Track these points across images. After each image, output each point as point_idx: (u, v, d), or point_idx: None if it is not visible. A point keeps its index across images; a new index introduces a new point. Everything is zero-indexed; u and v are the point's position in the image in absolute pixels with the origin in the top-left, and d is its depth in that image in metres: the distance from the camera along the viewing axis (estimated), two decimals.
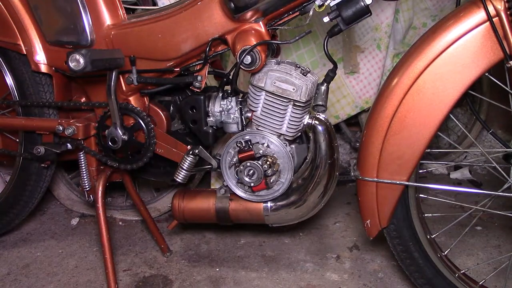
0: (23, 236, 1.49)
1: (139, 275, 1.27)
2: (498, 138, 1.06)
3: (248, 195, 1.07)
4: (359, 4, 0.90)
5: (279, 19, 0.99)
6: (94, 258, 1.35)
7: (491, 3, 0.82)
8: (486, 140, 1.85)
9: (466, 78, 0.86)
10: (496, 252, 1.31)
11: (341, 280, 1.23)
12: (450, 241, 1.17)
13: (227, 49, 1.02)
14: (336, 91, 1.61)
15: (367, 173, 0.96)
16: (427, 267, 1.01)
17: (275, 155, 1.03)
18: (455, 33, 0.85)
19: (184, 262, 1.32)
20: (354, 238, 1.41)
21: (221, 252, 1.36)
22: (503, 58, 0.84)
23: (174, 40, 1.01)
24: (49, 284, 1.25)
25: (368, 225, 1.00)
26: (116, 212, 1.59)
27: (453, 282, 1.02)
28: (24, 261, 1.35)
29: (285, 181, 1.05)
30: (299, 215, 1.09)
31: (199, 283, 1.23)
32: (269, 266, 1.29)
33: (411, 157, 0.92)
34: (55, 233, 1.50)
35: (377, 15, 1.55)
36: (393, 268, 1.25)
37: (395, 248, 1.02)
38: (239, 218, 1.12)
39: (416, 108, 0.89)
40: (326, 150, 1.04)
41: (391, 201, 0.96)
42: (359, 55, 1.60)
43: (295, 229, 1.44)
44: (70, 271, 1.30)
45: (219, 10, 0.97)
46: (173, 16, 1.01)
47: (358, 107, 1.64)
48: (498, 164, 0.99)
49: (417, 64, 0.88)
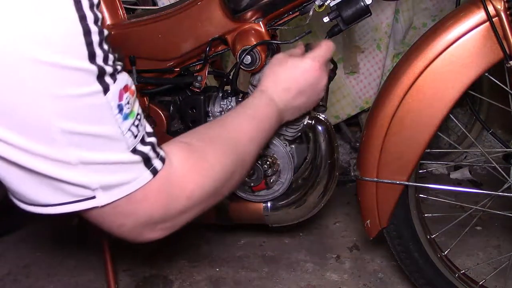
0: (23, 236, 1.49)
1: (139, 275, 1.27)
2: (498, 138, 1.06)
3: (248, 195, 1.07)
4: (359, 4, 0.90)
5: (279, 19, 0.99)
6: (94, 258, 1.35)
7: (491, 3, 0.82)
8: (486, 140, 1.85)
9: (466, 78, 0.86)
10: (496, 252, 1.31)
11: (341, 280, 1.23)
12: (450, 241, 1.17)
13: (227, 49, 1.02)
14: (336, 91, 1.61)
15: (367, 173, 0.96)
16: (427, 267, 1.01)
17: (275, 155, 1.03)
18: (455, 33, 0.85)
19: (184, 262, 1.32)
20: (354, 238, 1.41)
21: (221, 252, 1.36)
22: (503, 58, 0.84)
23: (174, 40, 1.01)
24: (49, 284, 1.25)
25: (368, 225, 1.00)
26: None
27: (453, 282, 1.02)
28: (24, 261, 1.35)
29: (285, 181, 1.05)
30: (299, 215, 1.09)
31: (199, 283, 1.23)
32: (269, 266, 1.29)
33: (411, 157, 0.92)
34: (55, 233, 1.50)
35: (377, 15, 1.55)
36: (393, 268, 1.25)
37: (395, 248, 1.02)
38: (239, 218, 1.12)
39: (416, 108, 0.89)
40: (326, 150, 1.04)
41: (391, 201, 0.96)
42: (359, 55, 1.60)
43: (295, 229, 1.44)
44: (70, 271, 1.30)
45: (219, 10, 0.97)
46: (173, 16, 1.00)
47: (358, 107, 1.64)
48: (498, 164, 0.99)
49: (417, 64, 0.88)
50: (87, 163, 0.50)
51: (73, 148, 0.49)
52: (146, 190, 0.55)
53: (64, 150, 0.49)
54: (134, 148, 0.54)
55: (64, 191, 0.51)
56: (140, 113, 0.56)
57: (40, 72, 0.45)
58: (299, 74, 0.84)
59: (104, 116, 0.50)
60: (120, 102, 0.51)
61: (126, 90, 0.53)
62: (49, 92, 0.46)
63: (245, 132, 0.74)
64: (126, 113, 0.53)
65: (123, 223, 0.57)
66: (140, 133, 0.55)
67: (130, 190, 0.54)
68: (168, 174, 0.58)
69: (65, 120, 0.47)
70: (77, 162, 0.50)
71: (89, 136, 0.50)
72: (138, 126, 0.55)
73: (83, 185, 0.51)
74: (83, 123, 0.49)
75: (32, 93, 0.45)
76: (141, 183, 0.55)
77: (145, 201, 0.56)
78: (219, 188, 0.65)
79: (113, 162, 0.52)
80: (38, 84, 0.45)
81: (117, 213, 0.56)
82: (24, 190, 0.52)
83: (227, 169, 0.66)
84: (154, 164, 0.56)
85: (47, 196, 0.52)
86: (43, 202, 0.53)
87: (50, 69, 0.45)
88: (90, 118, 0.49)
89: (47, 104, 0.46)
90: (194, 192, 0.60)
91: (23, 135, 0.47)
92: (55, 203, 0.53)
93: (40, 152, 0.48)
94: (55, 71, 0.45)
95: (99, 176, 0.52)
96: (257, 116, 0.78)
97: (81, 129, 0.49)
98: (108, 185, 0.52)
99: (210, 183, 0.63)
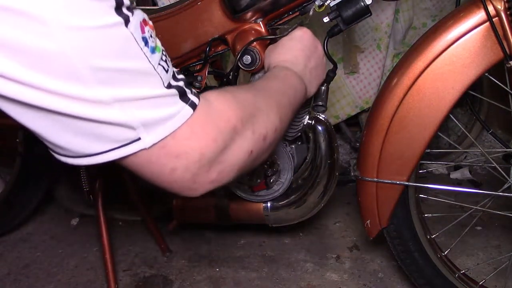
0: (23, 236, 1.49)
1: (139, 275, 1.27)
2: (498, 138, 1.06)
3: (248, 195, 1.07)
4: (359, 4, 0.90)
5: (279, 19, 0.99)
6: (94, 258, 1.35)
7: (491, 3, 0.82)
8: (486, 140, 1.85)
9: (466, 78, 0.86)
10: (496, 252, 1.31)
11: (341, 280, 1.23)
12: (450, 241, 1.17)
13: (227, 49, 1.02)
14: (336, 91, 1.61)
15: (367, 173, 0.96)
16: (427, 267, 1.01)
17: (275, 155, 1.03)
18: (455, 33, 0.85)
19: (184, 262, 1.32)
20: (354, 238, 1.41)
21: (221, 252, 1.36)
22: (503, 58, 0.84)
23: (174, 40, 1.01)
24: (49, 284, 1.25)
25: (368, 225, 1.00)
26: (116, 212, 1.59)
27: (453, 282, 1.02)
28: (24, 261, 1.35)
29: (285, 181, 1.05)
30: (299, 215, 1.09)
31: (199, 283, 1.23)
32: (269, 266, 1.29)
33: (411, 157, 0.92)
34: (55, 233, 1.50)
35: (377, 15, 1.55)
36: (393, 268, 1.25)
37: (395, 248, 1.02)
38: (239, 218, 1.12)
39: (416, 108, 0.89)
40: (326, 150, 1.04)
41: (391, 201, 0.96)
42: (359, 55, 1.60)
43: (295, 229, 1.44)
44: (70, 271, 1.30)
45: (219, 10, 0.97)
46: (173, 16, 1.00)
47: (358, 107, 1.64)
48: (498, 164, 0.99)
49: (417, 64, 0.88)
50: (123, 100, 0.48)
51: (105, 86, 0.46)
52: (191, 125, 0.53)
53: (95, 88, 0.46)
54: (169, 83, 0.52)
55: (107, 136, 0.49)
56: (164, 49, 0.54)
57: (54, 3, 0.42)
58: (296, 42, 0.87)
59: (131, 49, 0.48)
60: (144, 35, 0.49)
61: (146, 24, 0.51)
62: (67, 25, 0.43)
63: (272, 86, 0.73)
64: (152, 47, 0.50)
65: (175, 166, 0.53)
66: (170, 68, 0.53)
67: (175, 126, 0.51)
68: (209, 108, 0.56)
69: (90, 55, 0.45)
70: (112, 100, 0.47)
71: (119, 72, 0.47)
72: (167, 61, 0.53)
73: (124, 124, 0.49)
74: (110, 58, 0.46)
75: (51, 28, 0.43)
76: (184, 117, 0.52)
77: (193, 137, 0.53)
78: (258, 126, 0.62)
79: (150, 97, 0.49)
80: (53, 15, 0.42)
81: (167, 155, 0.52)
82: (65, 141, 0.50)
83: (260, 108, 0.64)
84: (191, 98, 0.54)
85: (91, 144, 0.49)
86: (87, 152, 0.50)
87: (64, 0, 0.43)
88: (117, 52, 0.47)
89: (68, 38, 0.43)
90: (237, 124, 0.58)
91: (49, 75, 0.44)
92: (99, 151, 0.50)
93: (71, 93, 0.45)
94: (69, 1, 0.43)
95: (139, 113, 0.49)
96: (280, 77, 0.78)
97: (110, 65, 0.46)
98: (150, 122, 0.50)
99: (248, 119, 0.60)
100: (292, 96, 0.76)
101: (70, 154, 0.51)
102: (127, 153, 0.50)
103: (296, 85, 0.79)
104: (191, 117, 0.53)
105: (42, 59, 0.44)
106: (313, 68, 0.88)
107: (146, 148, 0.51)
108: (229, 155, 0.58)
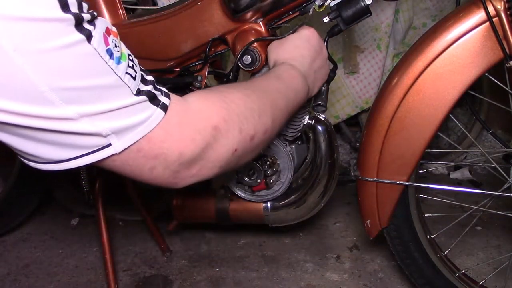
0: (23, 236, 1.49)
1: (139, 275, 1.27)
2: (498, 138, 1.06)
3: (248, 195, 1.07)
4: (359, 4, 0.90)
5: (279, 19, 0.99)
6: (94, 258, 1.35)
7: (491, 3, 0.82)
8: (486, 140, 1.85)
9: (466, 78, 0.86)
10: (496, 252, 1.31)
11: (341, 280, 1.23)
12: (450, 241, 1.17)
13: (227, 49, 1.02)
14: (336, 91, 1.61)
15: (367, 173, 0.96)
16: (427, 267, 1.01)
17: (275, 155, 1.03)
18: (455, 33, 0.85)
19: (184, 262, 1.32)
20: (354, 238, 1.41)
21: (221, 252, 1.36)
22: (503, 58, 0.84)
23: (174, 40, 1.01)
24: (49, 284, 1.25)
25: (368, 225, 1.00)
26: (116, 212, 1.59)
27: (453, 282, 1.02)
28: (24, 261, 1.35)
29: (285, 181, 1.05)
30: (299, 215, 1.09)
31: (199, 283, 1.23)
32: (269, 266, 1.29)
33: (411, 157, 0.92)
34: (55, 233, 1.50)
35: (377, 15, 1.55)
36: (393, 268, 1.25)
37: (395, 248, 1.02)
38: (239, 218, 1.12)
39: (416, 108, 0.89)
40: (326, 150, 1.04)
41: (391, 201, 0.96)
42: (359, 55, 1.60)
43: (295, 229, 1.44)
44: (70, 271, 1.30)
45: (219, 10, 0.97)
46: (173, 16, 1.00)
47: (358, 107, 1.64)
48: (498, 164, 0.99)
49: (417, 64, 0.88)
50: (91, 114, 0.48)
51: (72, 104, 0.46)
52: (165, 127, 0.53)
53: (62, 107, 0.46)
54: (138, 89, 0.52)
55: (77, 144, 0.49)
56: (130, 53, 0.53)
57: (10, 29, 0.41)
58: (304, 41, 0.87)
59: (96, 65, 0.47)
60: (108, 47, 0.49)
61: (109, 33, 0.50)
62: (24, 48, 0.42)
63: (272, 86, 0.73)
64: (118, 57, 0.50)
65: (153, 165, 0.54)
66: (138, 73, 0.53)
67: (146, 131, 0.52)
68: (186, 108, 0.57)
69: (54, 77, 0.45)
70: (79, 116, 0.47)
71: (86, 90, 0.47)
72: (134, 66, 0.53)
73: (93, 134, 0.49)
74: (75, 78, 0.46)
75: (8, 53, 0.42)
76: (156, 120, 0.53)
77: (169, 138, 0.54)
78: (246, 126, 0.62)
79: (119, 107, 0.49)
80: (10, 42, 0.41)
81: (144, 157, 0.53)
82: (37, 150, 0.50)
83: (251, 108, 0.64)
84: (161, 100, 0.54)
85: (59, 152, 0.50)
86: (58, 158, 0.50)
87: (20, 24, 0.42)
88: (81, 70, 0.46)
89: (29, 63, 0.43)
90: (219, 123, 0.58)
91: (16, 100, 0.44)
92: (70, 158, 0.50)
93: (38, 114, 0.45)
94: (26, 25, 0.42)
95: (108, 123, 0.49)
96: (283, 78, 0.77)
97: (75, 84, 0.46)
98: (120, 129, 0.50)
99: (233, 118, 0.60)
100: (292, 98, 0.76)
101: (40, 161, 0.52)
102: (98, 158, 0.51)
103: (298, 87, 0.79)
104: (163, 119, 0.54)
105: (6, 87, 0.44)
106: (318, 69, 0.88)
107: (117, 153, 0.51)
108: (211, 153, 0.59)
